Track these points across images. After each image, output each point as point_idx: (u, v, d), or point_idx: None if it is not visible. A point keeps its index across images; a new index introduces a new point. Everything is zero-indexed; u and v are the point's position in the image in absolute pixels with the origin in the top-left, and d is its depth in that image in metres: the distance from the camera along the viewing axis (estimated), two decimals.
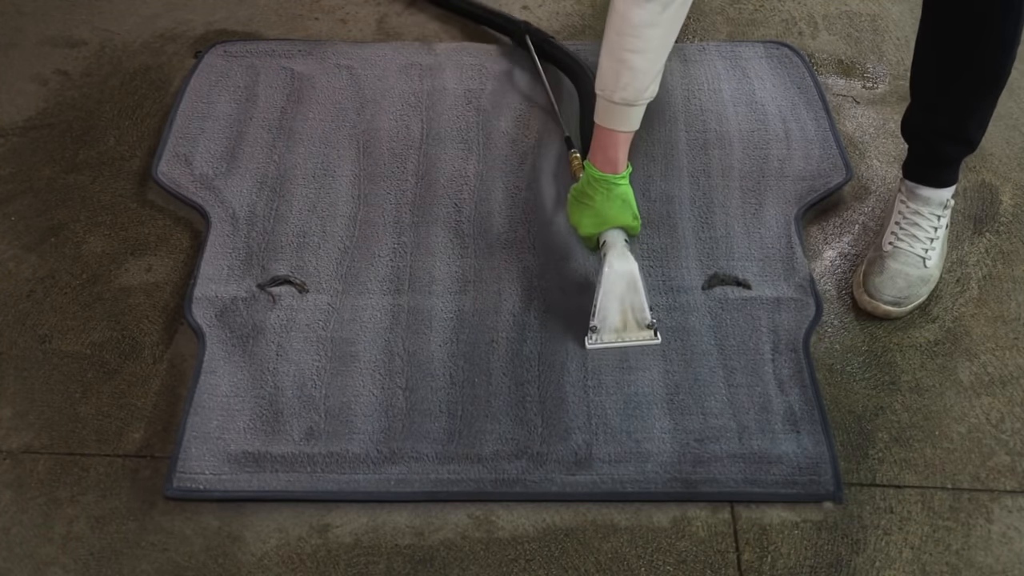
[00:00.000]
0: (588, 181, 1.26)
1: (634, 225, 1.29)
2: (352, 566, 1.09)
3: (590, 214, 1.27)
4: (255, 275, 1.36)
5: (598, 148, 1.24)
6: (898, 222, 1.35)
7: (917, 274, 1.32)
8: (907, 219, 1.34)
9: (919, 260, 1.33)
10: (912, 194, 1.34)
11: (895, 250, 1.34)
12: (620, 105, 1.19)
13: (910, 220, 1.34)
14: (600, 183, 1.25)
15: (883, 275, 1.32)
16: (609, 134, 1.23)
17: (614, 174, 1.25)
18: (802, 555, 1.10)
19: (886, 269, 1.32)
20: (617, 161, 1.24)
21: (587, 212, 1.27)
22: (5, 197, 1.50)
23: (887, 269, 1.32)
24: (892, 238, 1.35)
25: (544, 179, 1.50)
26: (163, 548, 1.11)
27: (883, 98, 1.66)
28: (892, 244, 1.34)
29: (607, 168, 1.24)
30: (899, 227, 1.35)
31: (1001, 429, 1.22)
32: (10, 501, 1.15)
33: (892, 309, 1.31)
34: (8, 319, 1.34)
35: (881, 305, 1.31)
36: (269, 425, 1.20)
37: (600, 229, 1.28)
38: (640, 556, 1.10)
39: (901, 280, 1.31)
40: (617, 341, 1.27)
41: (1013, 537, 1.12)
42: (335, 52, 1.72)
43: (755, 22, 1.82)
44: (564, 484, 1.15)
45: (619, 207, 1.26)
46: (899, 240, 1.34)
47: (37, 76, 1.71)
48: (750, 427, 1.20)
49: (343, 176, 1.50)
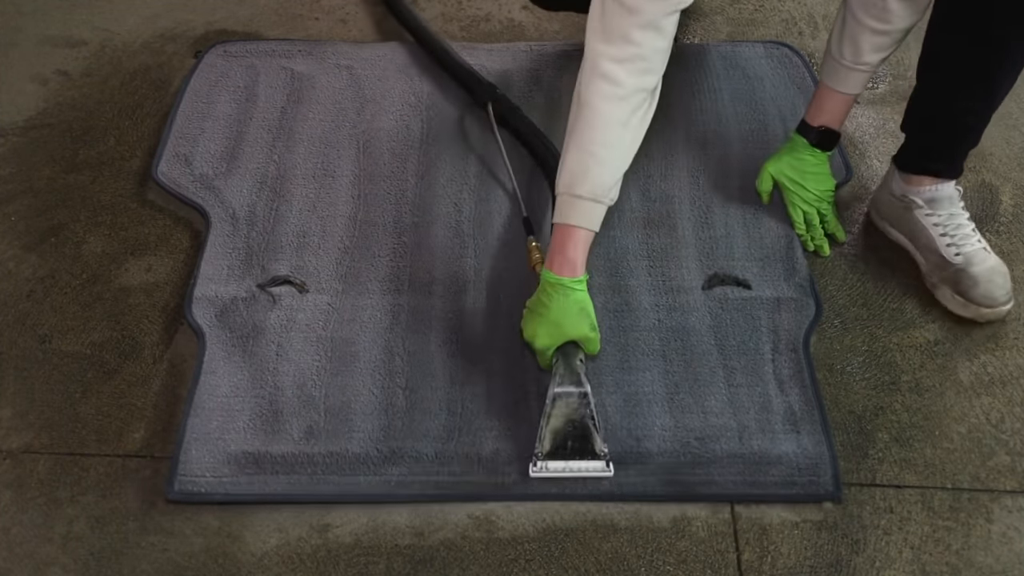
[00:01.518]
0: (543, 288, 1.18)
1: (592, 337, 1.18)
2: (352, 566, 1.09)
3: (545, 324, 1.17)
4: (255, 275, 1.36)
5: (556, 250, 1.18)
6: (943, 233, 1.31)
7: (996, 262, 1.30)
8: (947, 223, 1.31)
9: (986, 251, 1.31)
10: (933, 201, 1.32)
11: (967, 256, 1.30)
12: (586, 200, 1.17)
13: (950, 223, 1.31)
14: (556, 288, 1.16)
15: (981, 283, 1.28)
16: (570, 232, 1.18)
17: (572, 277, 1.17)
18: (802, 555, 1.10)
19: (979, 276, 1.28)
20: (576, 263, 1.17)
21: (542, 323, 1.17)
22: (5, 197, 1.50)
23: (979, 276, 1.28)
24: (953, 248, 1.30)
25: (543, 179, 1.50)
26: (163, 548, 1.11)
27: (883, 98, 1.66)
28: (959, 253, 1.30)
29: (565, 271, 1.17)
30: (947, 235, 1.31)
31: (1001, 429, 1.22)
32: (10, 501, 1.15)
33: (1009, 306, 1.30)
34: (8, 319, 1.34)
35: (1003, 308, 1.29)
36: (269, 425, 1.20)
37: (556, 342, 1.17)
38: (640, 556, 1.10)
39: (998, 277, 1.29)
40: (564, 471, 1.14)
41: (1013, 537, 1.12)
42: (335, 52, 1.72)
43: (755, 22, 1.82)
44: (564, 484, 1.15)
45: (576, 315, 1.16)
46: (961, 245, 1.30)
47: (37, 76, 1.71)
48: (750, 427, 1.20)
49: (343, 176, 1.50)
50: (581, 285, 1.18)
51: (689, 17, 1.82)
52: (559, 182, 1.19)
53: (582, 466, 1.14)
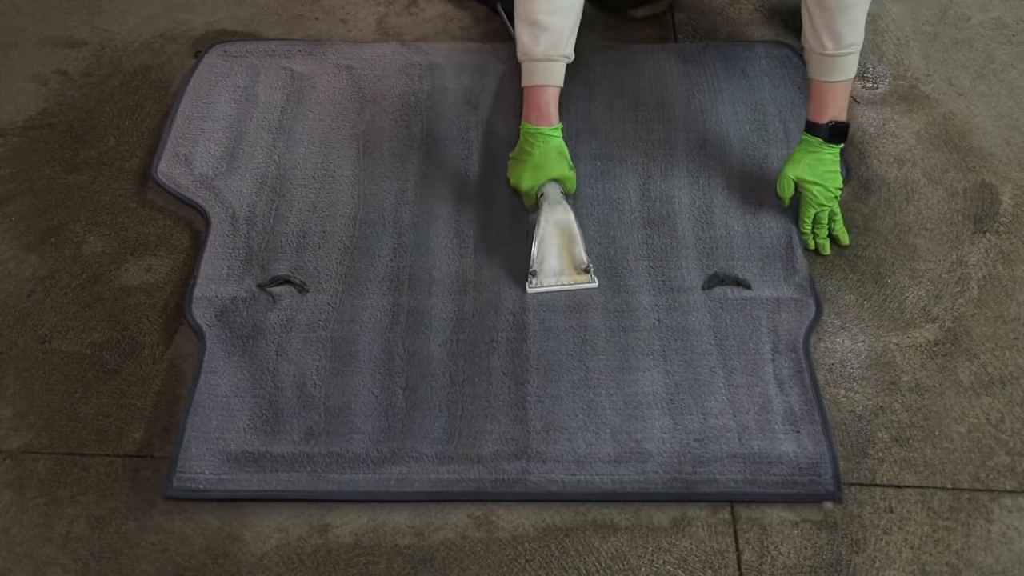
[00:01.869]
0: (524, 138, 1.38)
1: (570, 176, 1.39)
2: (352, 566, 1.09)
3: (529, 168, 1.37)
4: (255, 275, 1.36)
5: (531, 108, 1.37)
6: None
7: None
8: None
9: None
10: None
11: None
12: (543, 61, 1.34)
13: None
14: (536, 136, 1.37)
15: None
16: (538, 91, 1.36)
17: (548, 126, 1.36)
18: (802, 555, 1.10)
19: None
20: (549, 115, 1.37)
21: (526, 168, 1.37)
22: (5, 197, 1.50)
23: None
24: None
25: None
26: (163, 548, 1.11)
27: (883, 98, 1.66)
28: None
29: (541, 122, 1.36)
30: None
31: (1001, 429, 1.22)
32: (10, 501, 1.15)
33: None
34: (8, 319, 1.34)
35: None
36: (269, 425, 1.20)
37: (539, 181, 1.37)
38: (640, 556, 1.10)
39: None
40: (556, 285, 1.34)
41: (1013, 537, 1.12)
42: (335, 52, 1.72)
43: (755, 22, 1.82)
44: (564, 484, 1.15)
45: (555, 158, 1.37)
46: None
47: (37, 76, 1.71)
48: (750, 427, 1.20)
49: (343, 176, 1.50)
50: (557, 132, 1.38)
51: (689, 17, 1.82)
52: (518, 52, 1.36)
53: (571, 280, 1.35)
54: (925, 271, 1.39)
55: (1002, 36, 1.77)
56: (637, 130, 1.57)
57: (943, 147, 1.56)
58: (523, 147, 1.39)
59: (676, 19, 1.82)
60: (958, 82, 1.68)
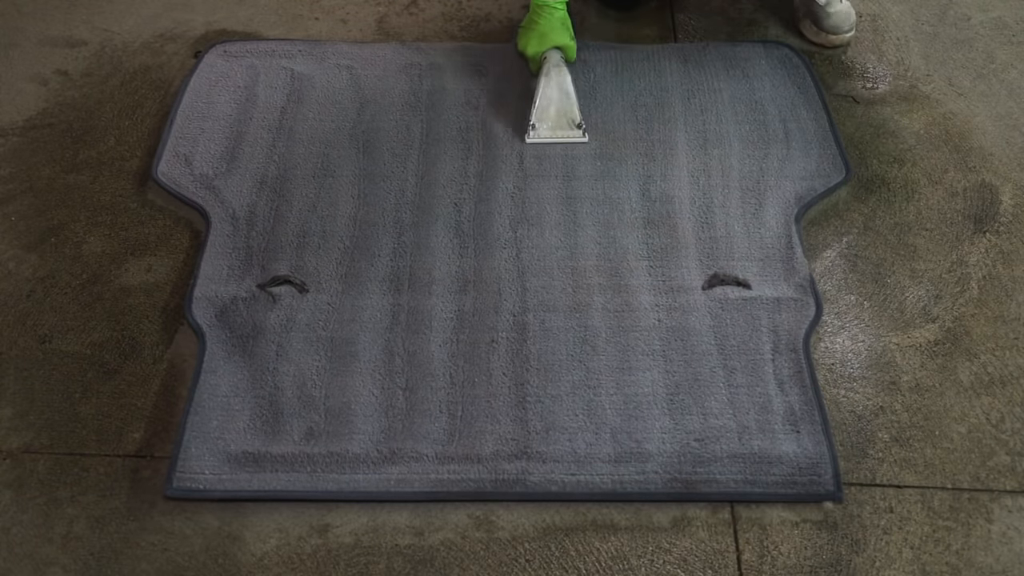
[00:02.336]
0: (533, 9, 1.59)
1: (571, 45, 1.59)
2: (352, 566, 1.09)
3: (535, 36, 1.58)
4: (255, 275, 1.36)
5: None
6: None
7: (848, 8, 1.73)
8: None
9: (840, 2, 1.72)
10: None
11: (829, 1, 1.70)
12: None
13: None
14: (543, 8, 1.58)
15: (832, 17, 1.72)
16: None
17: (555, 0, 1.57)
18: (802, 555, 1.10)
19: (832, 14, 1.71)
20: None
21: (532, 35, 1.59)
22: (5, 197, 1.50)
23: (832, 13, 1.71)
24: None
25: None
26: (163, 548, 1.11)
27: (883, 98, 1.66)
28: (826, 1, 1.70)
29: None
30: None
31: (1001, 429, 1.22)
32: (10, 501, 1.15)
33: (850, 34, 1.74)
34: (8, 319, 1.34)
35: (846, 36, 1.73)
36: (269, 425, 1.20)
37: (543, 48, 1.57)
38: (640, 556, 1.10)
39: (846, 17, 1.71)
40: (552, 137, 1.53)
41: (1013, 537, 1.12)
42: (335, 52, 1.72)
43: (755, 22, 1.82)
44: (564, 484, 1.15)
45: (559, 28, 1.58)
46: None
47: (37, 76, 1.71)
48: (750, 427, 1.20)
49: (343, 176, 1.50)
50: (561, 5, 1.59)
51: (689, 17, 1.82)
52: None
53: (566, 134, 1.54)
54: (925, 271, 1.39)
55: (1002, 36, 1.77)
56: (637, 130, 1.57)
57: (943, 147, 1.57)
58: (531, 17, 1.60)
59: (676, 19, 1.82)
60: (958, 82, 1.68)
